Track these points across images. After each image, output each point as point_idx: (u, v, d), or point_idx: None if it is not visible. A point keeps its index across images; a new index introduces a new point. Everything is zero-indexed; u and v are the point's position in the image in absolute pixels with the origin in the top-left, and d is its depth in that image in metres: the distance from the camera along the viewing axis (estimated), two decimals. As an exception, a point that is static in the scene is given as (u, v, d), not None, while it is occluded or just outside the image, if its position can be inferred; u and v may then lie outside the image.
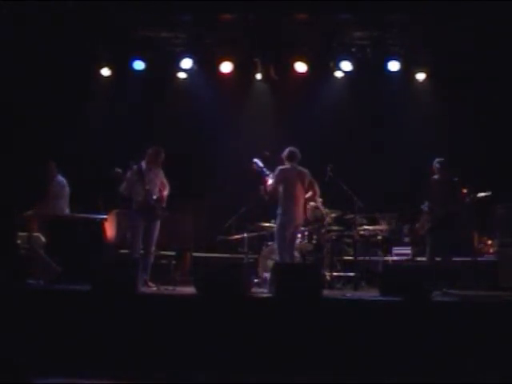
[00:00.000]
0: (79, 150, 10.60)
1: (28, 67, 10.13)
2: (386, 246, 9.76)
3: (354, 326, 6.47)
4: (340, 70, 10.80)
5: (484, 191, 8.64)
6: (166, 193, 8.66)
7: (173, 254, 9.69)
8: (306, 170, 8.48)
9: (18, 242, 8.57)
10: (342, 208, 9.44)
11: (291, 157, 8.44)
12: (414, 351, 6.28)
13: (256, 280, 8.80)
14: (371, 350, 6.33)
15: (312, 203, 8.94)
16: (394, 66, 10.60)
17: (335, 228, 9.51)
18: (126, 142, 10.63)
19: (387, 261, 9.66)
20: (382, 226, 9.71)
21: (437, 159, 8.79)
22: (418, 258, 9.52)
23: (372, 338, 6.39)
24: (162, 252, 9.23)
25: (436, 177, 8.76)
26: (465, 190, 8.88)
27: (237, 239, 9.83)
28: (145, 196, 8.37)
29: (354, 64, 10.63)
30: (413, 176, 9.77)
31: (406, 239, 10.14)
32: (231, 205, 10.00)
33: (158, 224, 8.54)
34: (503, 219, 9.45)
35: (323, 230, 9.27)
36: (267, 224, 9.41)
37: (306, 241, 9.31)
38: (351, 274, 9.33)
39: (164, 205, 8.55)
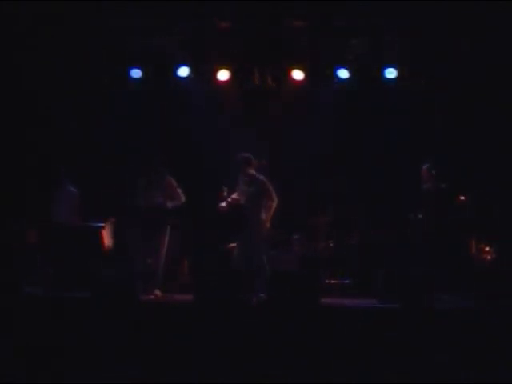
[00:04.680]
0: (78, 155, 10.59)
1: (26, 75, 10.15)
2: (385, 252, 9.75)
3: (353, 333, 6.48)
4: (337, 77, 10.82)
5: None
6: (171, 204, 8.59)
7: (171, 260, 9.69)
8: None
9: (17, 248, 8.58)
10: (340, 214, 9.44)
11: (250, 162, 8.35)
12: (413, 358, 6.29)
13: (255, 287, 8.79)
14: (370, 358, 6.33)
15: None
16: (390, 73, 10.63)
17: (333, 234, 9.52)
18: (123, 149, 10.65)
19: (386, 267, 9.65)
20: (382, 232, 9.71)
21: (427, 165, 8.68)
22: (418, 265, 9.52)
23: (371, 345, 6.39)
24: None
25: (427, 186, 8.70)
26: (462, 197, 8.90)
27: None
28: (145, 204, 8.41)
29: (350, 71, 10.66)
30: (412, 182, 9.76)
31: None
32: (230, 211, 9.98)
33: (160, 233, 8.51)
34: (502, 225, 9.46)
35: (321, 236, 9.28)
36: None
37: (303, 247, 9.33)
38: (349, 281, 9.34)
39: (167, 214, 8.53)
